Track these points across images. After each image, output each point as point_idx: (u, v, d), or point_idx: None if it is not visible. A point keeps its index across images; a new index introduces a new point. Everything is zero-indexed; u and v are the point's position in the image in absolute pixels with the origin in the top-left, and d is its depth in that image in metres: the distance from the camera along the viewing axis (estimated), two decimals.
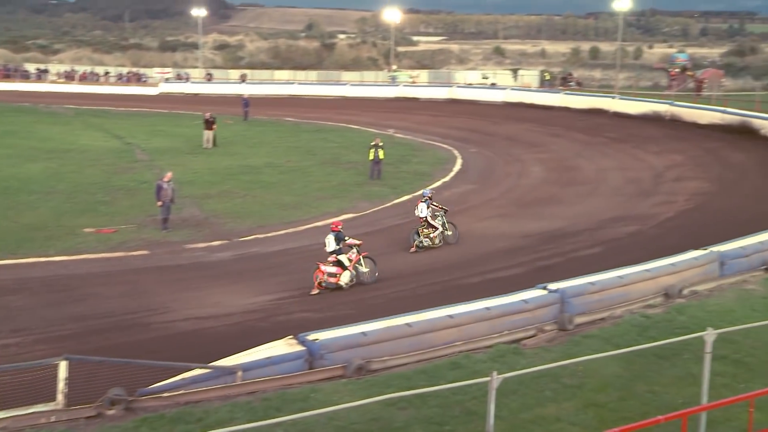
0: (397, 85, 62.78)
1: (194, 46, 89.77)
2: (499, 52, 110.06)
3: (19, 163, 30.71)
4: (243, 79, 69.88)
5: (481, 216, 23.58)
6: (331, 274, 16.64)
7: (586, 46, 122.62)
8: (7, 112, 48.15)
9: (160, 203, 21.19)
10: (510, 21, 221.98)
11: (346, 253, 16.92)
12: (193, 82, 68.10)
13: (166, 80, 70.52)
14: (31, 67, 75.72)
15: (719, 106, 43.18)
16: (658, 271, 15.15)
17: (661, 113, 44.27)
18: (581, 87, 66.89)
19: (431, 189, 22.92)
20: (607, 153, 34.61)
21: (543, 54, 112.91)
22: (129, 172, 29.34)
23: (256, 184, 27.60)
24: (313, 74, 74.56)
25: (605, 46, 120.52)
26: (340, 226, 17.25)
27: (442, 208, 20.65)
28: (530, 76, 72.38)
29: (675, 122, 42.46)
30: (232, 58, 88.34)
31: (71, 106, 53.22)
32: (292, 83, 65.51)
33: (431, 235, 20.13)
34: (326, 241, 17.07)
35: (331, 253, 16.87)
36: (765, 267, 16.57)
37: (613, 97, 49.41)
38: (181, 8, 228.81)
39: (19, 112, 49.28)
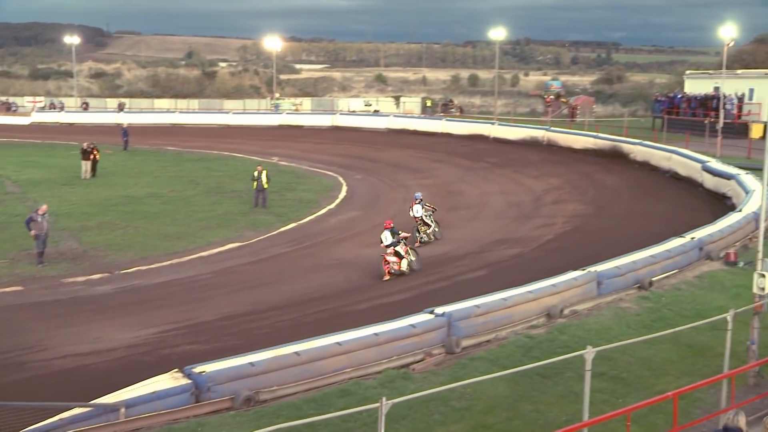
0: (280, 113, 62.70)
1: (68, 75, 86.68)
2: (381, 79, 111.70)
3: None
4: (121, 107, 68.25)
5: (367, 242, 23.70)
6: (395, 263, 19.51)
7: (465, 73, 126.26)
8: None
9: (33, 233, 20.30)
10: (391, 49, 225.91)
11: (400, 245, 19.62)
12: (68, 111, 65.84)
13: (39, 109, 67.91)
14: None
15: (592, 132, 45.31)
16: (540, 292, 15.63)
17: (538, 138, 45.99)
18: (462, 113, 68.75)
19: (420, 193, 25.17)
20: (488, 178, 35.59)
21: (424, 81, 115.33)
22: None
23: (138, 214, 26.84)
24: (194, 103, 73.63)
25: (483, 74, 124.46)
26: (392, 223, 20.27)
27: (432, 208, 23.76)
28: (412, 103, 73.83)
29: (552, 147, 44.20)
30: (109, 86, 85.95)
31: None
32: (173, 112, 64.38)
33: (428, 232, 23.25)
34: (382, 237, 19.92)
35: (389, 246, 19.61)
36: (638, 285, 17.39)
37: (492, 123, 50.98)
38: (53, 36, 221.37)
39: None
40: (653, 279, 17.73)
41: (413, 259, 20.09)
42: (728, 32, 41.50)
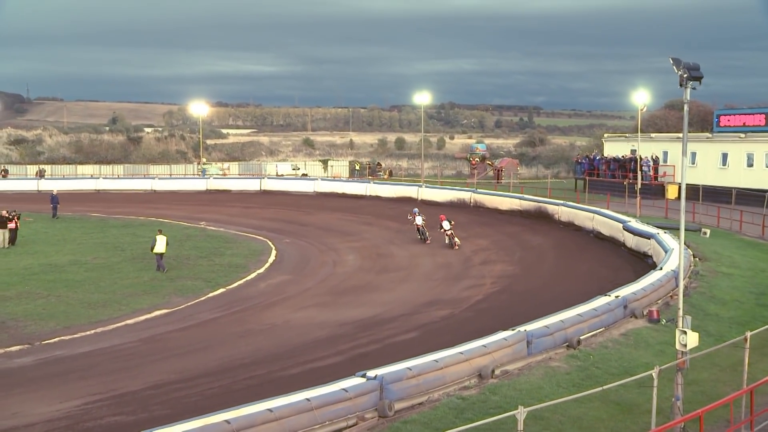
0: (207, 178, 62.27)
1: None
2: (308, 143, 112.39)
3: None
4: (41, 174, 66.67)
5: (298, 306, 23.58)
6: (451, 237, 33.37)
7: (392, 137, 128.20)
8: None
9: None
10: (318, 113, 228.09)
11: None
12: None
13: None
14: None
15: (517, 193, 46.43)
16: (471, 353, 15.72)
17: (465, 200, 46.81)
18: (390, 176, 69.58)
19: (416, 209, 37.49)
20: (417, 240, 35.91)
21: (351, 145, 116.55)
22: None
23: (60, 283, 26.08)
24: (119, 168, 72.49)
25: (410, 137, 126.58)
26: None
27: (424, 219, 35.69)
28: (340, 166, 74.46)
29: (479, 208, 45.01)
30: (29, 153, 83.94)
31: None
32: (98, 178, 63.23)
33: (426, 234, 34.89)
34: (443, 224, 33.61)
35: (448, 230, 33.46)
36: (567, 344, 17.68)
37: (420, 186, 51.70)
38: None
39: None
40: (581, 337, 18.05)
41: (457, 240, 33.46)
42: (641, 98, 43.38)
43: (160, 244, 29.00)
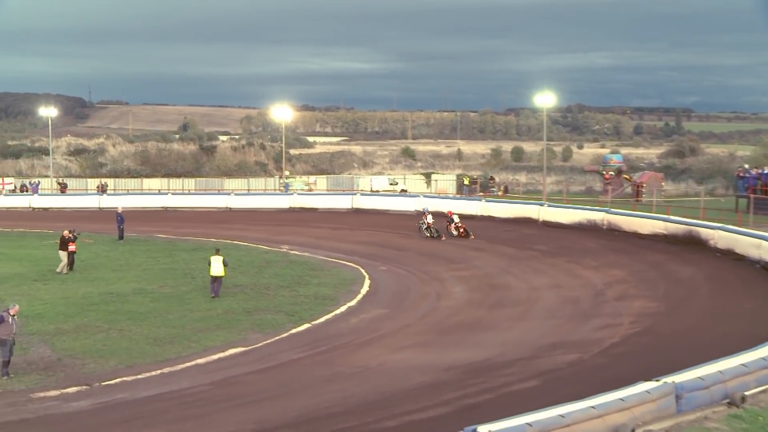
0: (290, 194, 63.32)
1: (43, 152, 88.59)
2: (408, 153, 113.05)
3: None
4: (103, 189, 69.33)
5: (395, 346, 23.60)
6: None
7: (507, 146, 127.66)
8: None
9: (1, 338, 20.36)
10: (420, 118, 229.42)
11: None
12: (41, 194, 67.04)
13: (8, 193, 69.34)
14: None
15: (661, 214, 45.29)
16: (606, 408, 15.35)
17: (597, 222, 46.00)
18: (506, 193, 69.22)
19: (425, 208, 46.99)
20: (538, 269, 35.50)
21: (459, 156, 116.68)
22: None
23: (123, 315, 26.99)
24: (190, 182, 74.76)
25: (529, 146, 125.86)
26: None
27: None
28: (446, 180, 74.55)
29: (613, 232, 44.14)
30: (90, 164, 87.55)
31: None
32: (165, 193, 65.28)
33: (439, 231, 44.11)
34: (453, 218, 44.42)
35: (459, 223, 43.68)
36: (727, 401, 17.01)
37: (541, 204, 51.14)
38: (25, 107, 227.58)
39: None
40: (746, 393, 17.36)
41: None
42: None
43: (216, 267, 29.71)
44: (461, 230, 44.53)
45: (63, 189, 70.96)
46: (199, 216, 56.94)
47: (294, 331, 25.41)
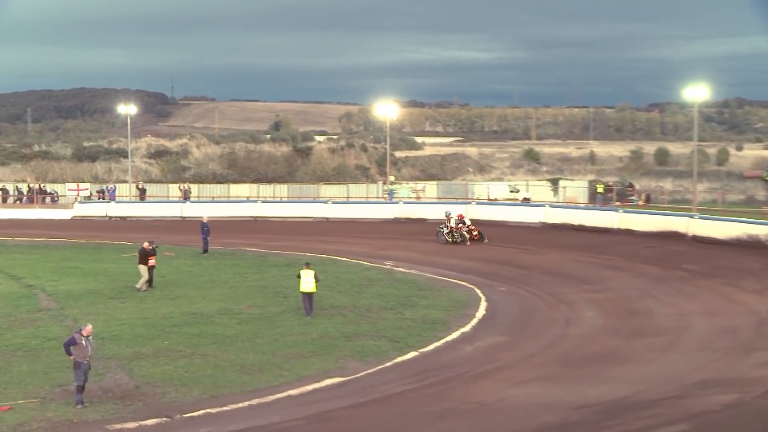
0: (396, 203, 63.69)
1: (121, 154, 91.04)
2: (532, 156, 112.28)
3: None
4: (185, 196, 70.67)
5: (516, 379, 23.40)
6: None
7: (650, 147, 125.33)
8: None
9: (74, 359, 20.90)
10: (546, 115, 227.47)
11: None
12: (119, 202, 68.98)
13: (83, 199, 71.46)
14: None
15: None
16: None
17: (759, 238, 44.77)
18: (647, 202, 68.01)
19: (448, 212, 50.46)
20: (687, 292, 34.77)
21: (592, 158, 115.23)
22: (30, 326, 29.21)
23: (207, 338, 27.50)
24: (282, 189, 75.67)
25: (676, 148, 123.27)
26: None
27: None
28: (576, 188, 73.64)
29: None
30: (173, 168, 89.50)
31: None
32: (255, 201, 66.45)
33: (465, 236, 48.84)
34: (465, 221, 49.48)
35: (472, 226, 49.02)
36: None
37: (691, 216, 50.10)
38: (103, 105, 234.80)
39: None
40: None
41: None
42: None
43: (307, 282, 30.07)
44: (474, 234, 49.69)
45: (142, 195, 72.73)
46: (292, 227, 57.71)
47: (399, 359, 25.42)
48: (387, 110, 72.32)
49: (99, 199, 72.16)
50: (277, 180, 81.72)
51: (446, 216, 50.97)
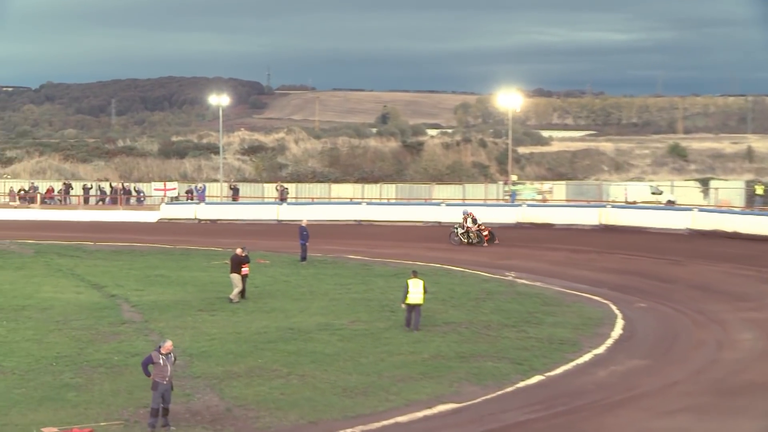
0: (518, 205, 63.31)
1: (212, 150, 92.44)
2: (678, 152, 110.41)
3: None
4: (282, 197, 71.21)
5: (659, 409, 23.04)
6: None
7: None
8: None
9: (153, 379, 21.16)
10: (695, 105, 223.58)
11: None
12: (209, 203, 70.02)
13: (171, 200, 72.72)
14: None
15: None
16: None
17: None
18: None
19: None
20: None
21: (750, 155, 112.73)
22: (112, 340, 29.81)
23: (305, 356, 27.68)
24: (390, 189, 75.80)
25: None
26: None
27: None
28: (730, 189, 72.11)
29: None
30: (268, 165, 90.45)
31: (29, 242, 55.33)
32: (359, 203, 66.68)
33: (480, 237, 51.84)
34: (475, 219, 51.24)
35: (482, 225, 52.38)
36: None
37: None
38: (192, 95, 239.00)
39: None
40: None
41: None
42: None
43: (415, 292, 30.19)
44: (485, 235, 52.46)
45: (234, 196, 73.65)
46: (400, 232, 57.80)
47: (522, 384, 25.22)
48: (509, 100, 71.95)
49: (187, 199, 73.29)
50: (384, 179, 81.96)
51: (463, 215, 53.58)
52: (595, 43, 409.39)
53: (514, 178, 75.18)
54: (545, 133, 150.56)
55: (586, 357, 28.04)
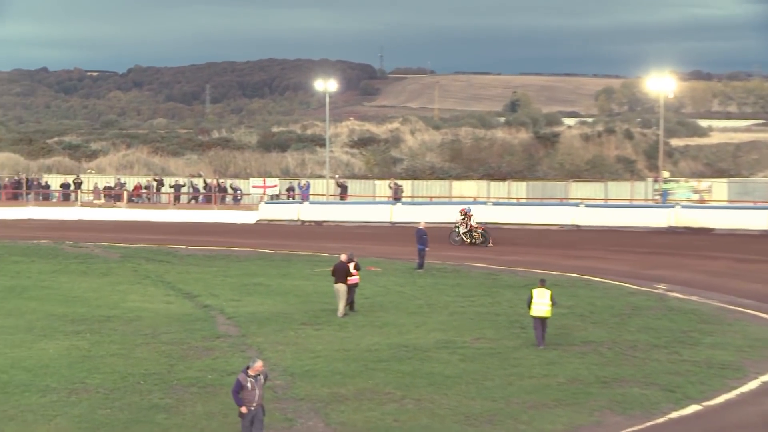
0: (670, 206, 62.51)
1: (318, 142, 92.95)
2: None
3: (27, 341, 32.06)
4: (396, 195, 71.11)
5: None
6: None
7: None
8: (12, 256, 51.27)
9: (243, 410, 21.26)
10: None
11: None
12: (313, 202, 70.40)
13: (270, 198, 73.27)
14: (54, 181, 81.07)
15: None
16: None
17: None
18: None
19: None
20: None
21: None
22: (205, 356, 30.16)
23: (422, 378, 27.65)
24: (520, 187, 75.45)
25: None
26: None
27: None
28: None
29: None
30: (381, 160, 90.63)
31: (115, 245, 56.41)
32: (484, 203, 66.50)
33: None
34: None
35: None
36: None
37: None
38: (296, 80, 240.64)
39: (31, 254, 52.28)
40: None
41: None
42: None
43: (541, 304, 30.21)
44: (480, 233, 55.25)
45: (342, 194, 73.87)
46: (532, 236, 57.59)
47: (675, 415, 24.89)
48: (661, 84, 71.03)
49: (289, 198, 73.82)
50: (513, 176, 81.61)
51: (467, 213, 55.76)
52: (765, 17, 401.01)
53: (665, 174, 74.12)
54: (703, 123, 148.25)
55: (752, 384, 27.54)
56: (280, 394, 22.32)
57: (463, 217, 55.16)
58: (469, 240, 53.79)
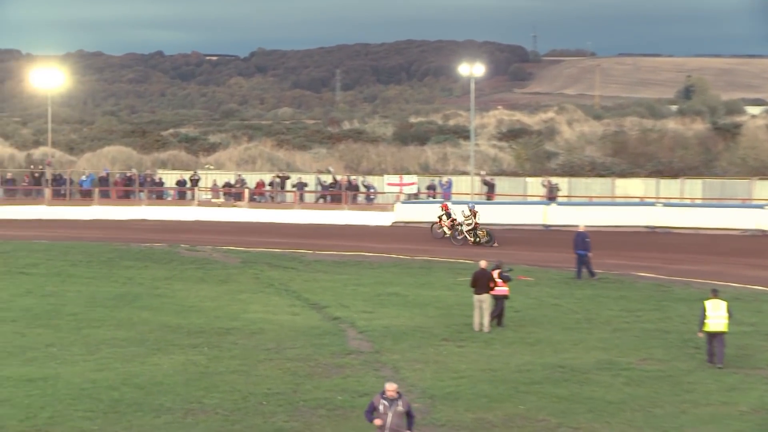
0: None
1: (461, 134, 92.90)
2: None
3: (140, 355, 32.64)
4: (551, 194, 70.69)
5: None
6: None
7: None
8: (123, 260, 52.19)
9: (377, 422, 21.26)
10: None
11: None
12: (455, 201, 70.32)
13: (408, 197, 73.35)
14: (169, 178, 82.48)
15: None
16: None
17: None
18: None
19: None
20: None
21: None
22: (335, 375, 30.38)
23: (581, 403, 27.50)
24: (695, 186, 74.57)
25: None
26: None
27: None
28: None
29: None
30: (533, 154, 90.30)
31: (235, 248, 57.17)
32: (653, 204, 65.88)
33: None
34: (464, 212, 59.50)
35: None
36: None
37: None
38: (436, 64, 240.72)
39: (144, 259, 53.15)
40: None
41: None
42: None
43: (717, 317, 29.79)
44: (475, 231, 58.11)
45: (489, 193, 73.69)
46: (708, 243, 56.99)
47: None
48: None
49: (429, 197, 73.83)
50: (687, 173, 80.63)
51: (470, 210, 59.28)
52: None
53: None
54: None
55: None
56: (418, 419, 22.27)
57: (468, 215, 57.93)
58: (473, 239, 56.10)
